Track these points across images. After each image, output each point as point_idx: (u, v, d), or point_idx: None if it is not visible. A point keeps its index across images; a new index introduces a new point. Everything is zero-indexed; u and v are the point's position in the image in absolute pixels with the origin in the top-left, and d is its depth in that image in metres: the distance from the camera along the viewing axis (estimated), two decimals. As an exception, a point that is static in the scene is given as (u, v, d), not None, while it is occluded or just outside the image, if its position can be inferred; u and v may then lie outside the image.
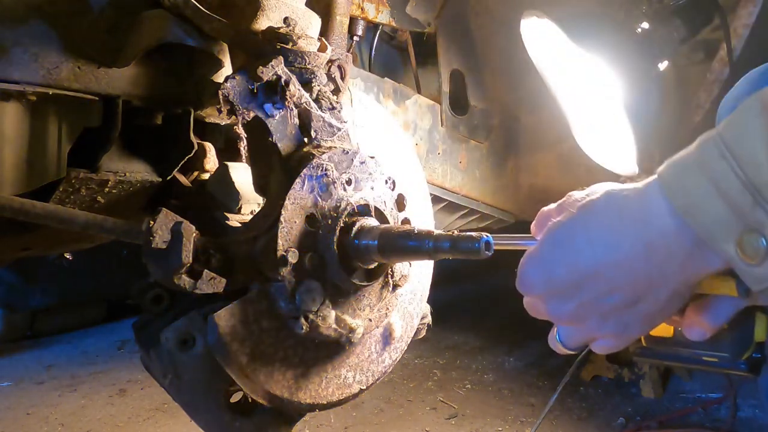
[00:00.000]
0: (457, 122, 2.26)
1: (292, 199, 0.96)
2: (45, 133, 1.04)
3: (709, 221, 0.59)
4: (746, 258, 0.58)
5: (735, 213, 0.57)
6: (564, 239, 0.70)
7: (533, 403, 2.65)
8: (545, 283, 0.71)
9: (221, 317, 0.92)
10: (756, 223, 0.56)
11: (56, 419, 2.56)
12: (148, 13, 1.06)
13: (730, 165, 0.56)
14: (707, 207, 0.58)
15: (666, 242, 0.63)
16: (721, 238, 0.59)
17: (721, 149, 0.57)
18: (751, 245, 0.57)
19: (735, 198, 0.56)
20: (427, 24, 2.13)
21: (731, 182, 0.56)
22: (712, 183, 0.58)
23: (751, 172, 0.55)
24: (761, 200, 0.55)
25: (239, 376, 0.94)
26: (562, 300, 0.71)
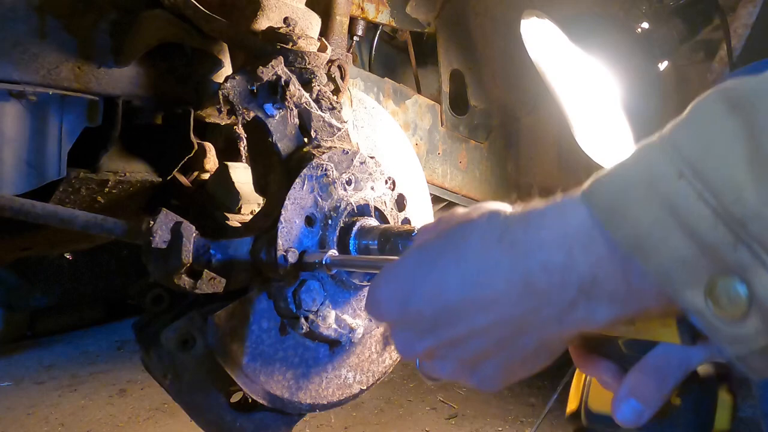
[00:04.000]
0: (457, 122, 2.26)
1: (292, 199, 0.96)
2: (45, 133, 1.04)
3: (666, 260, 0.43)
4: (720, 312, 0.42)
5: (704, 251, 0.41)
6: (431, 259, 0.55)
7: (533, 403, 2.65)
8: (399, 311, 0.56)
9: (221, 317, 0.92)
10: (736, 265, 0.40)
11: (56, 419, 2.56)
12: (148, 13, 1.06)
13: (694, 187, 0.41)
14: (662, 241, 0.42)
15: (549, 281, 0.48)
16: (685, 282, 0.42)
17: (679, 167, 0.42)
18: (727, 295, 0.41)
19: (703, 232, 0.41)
20: (427, 24, 2.13)
21: (697, 211, 0.41)
22: (669, 210, 0.42)
23: (728, 199, 0.40)
24: (745, 236, 0.40)
25: (239, 376, 0.94)
26: (415, 335, 0.56)
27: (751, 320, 0.41)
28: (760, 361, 0.43)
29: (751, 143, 0.40)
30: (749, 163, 0.40)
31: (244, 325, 0.94)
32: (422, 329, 0.55)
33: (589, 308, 0.48)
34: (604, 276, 0.46)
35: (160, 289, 0.97)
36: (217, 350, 0.92)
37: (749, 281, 0.40)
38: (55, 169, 1.06)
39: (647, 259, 0.43)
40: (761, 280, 0.40)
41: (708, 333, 0.44)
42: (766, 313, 0.40)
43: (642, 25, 1.82)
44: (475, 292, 0.51)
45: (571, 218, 0.48)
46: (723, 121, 0.41)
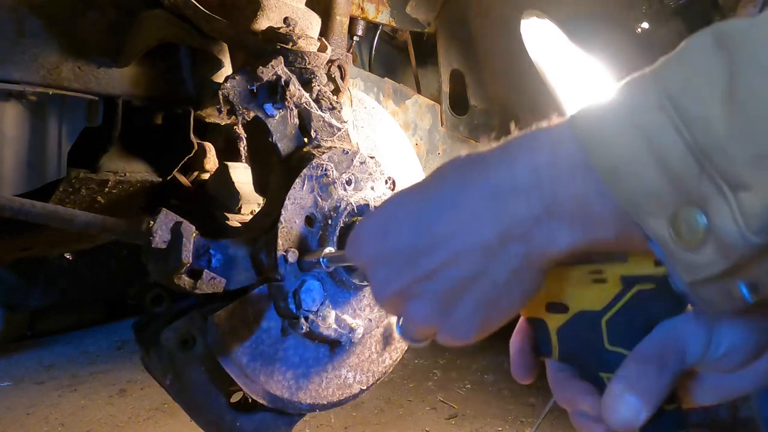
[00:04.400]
0: (457, 122, 2.26)
1: (292, 199, 0.96)
2: (45, 133, 1.04)
3: (637, 189, 0.44)
4: (680, 240, 0.43)
5: (672, 182, 0.43)
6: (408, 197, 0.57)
7: (533, 403, 2.65)
8: (377, 247, 0.56)
9: (221, 317, 0.92)
10: (698, 196, 0.42)
11: (56, 419, 2.56)
12: (148, 13, 1.06)
13: (671, 119, 0.42)
14: (636, 171, 0.44)
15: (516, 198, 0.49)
16: (650, 211, 0.44)
17: (660, 98, 0.43)
18: (687, 224, 0.43)
19: (674, 163, 0.42)
20: (427, 24, 2.13)
21: (671, 142, 0.42)
22: (645, 140, 0.43)
23: (699, 130, 0.41)
24: (709, 168, 0.41)
25: (239, 376, 0.94)
26: (392, 271, 0.56)
27: (706, 249, 0.43)
28: (710, 293, 0.45)
29: (730, 80, 0.40)
30: (724, 98, 0.41)
31: (244, 325, 0.94)
32: (399, 264, 0.55)
33: (551, 228, 0.49)
34: (565, 195, 0.48)
35: (159, 289, 0.97)
36: (217, 350, 0.92)
37: (708, 212, 0.42)
38: (55, 169, 1.06)
39: (618, 185, 0.45)
40: (719, 211, 0.41)
41: (667, 261, 0.46)
42: (720, 243, 0.42)
43: (642, 25, 1.82)
44: (452, 212, 0.53)
45: (544, 140, 0.50)
46: (707, 57, 0.42)
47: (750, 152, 0.40)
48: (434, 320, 0.56)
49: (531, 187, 0.49)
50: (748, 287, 0.43)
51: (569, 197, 0.48)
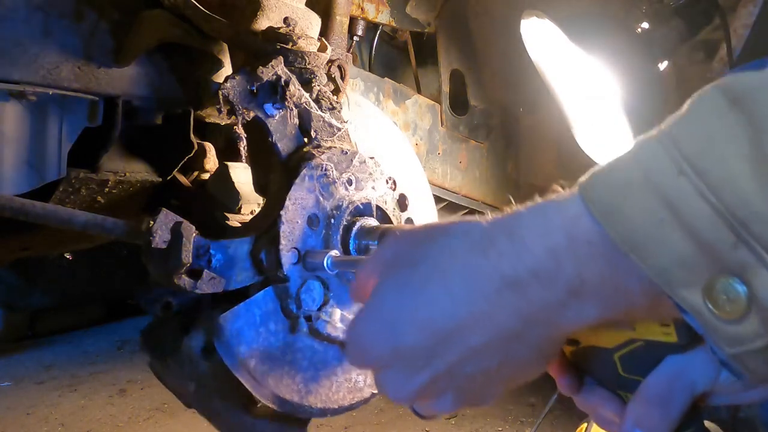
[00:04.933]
0: (457, 122, 2.26)
1: (293, 199, 0.96)
2: (45, 133, 1.04)
3: (665, 261, 0.42)
4: (719, 311, 0.41)
5: (704, 251, 0.41)
6: (413, 286, 0.52)
7: (533, 403, 2.65)
8: (389, 351, 0.52)
9: (227, 319, 0.91)
10: (736, 265, 0.40)
11: (56, 419, 2.56)
12: (148, 13, 1.06)
13: (696, 186, 0.40)
14: (662, 241, 0.42)
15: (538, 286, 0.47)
16: (683, 282, 0.42)
17: (679, 163, 0.41)
18: (726, 294, 0.41)
19: (704, 231, 0.40)
20: (427, 24, 2.13)
21: (697, 209, 0.40)
22: (668, 208, 0.41)
23: (728, 195, 0.39)
24: (745, 235, 0.39)
25: (248, 379, 0.93)
26: (409, 373, 0.52)
27: (749, 320, 0.41)
28: (756, 362, 0.43)
29: (754, 140, 0.39)
30: (751, 161, 0.39)
31: (251, 327, 0.93)
32: (416, 365, 0.52)
33: (579, 308, 0.47)
34: (591, 275, 0.46)
35: (169, 296, 0.96)
36: (225, 353, 0.91)
37: (749, 281, 0.40)
38: (55, 169, 1.06)
39: (645, 258, 0.43)
40: (761, 281, 0.40)
41: (705, 332, 0.43)
42: (766, 313, 0.40)
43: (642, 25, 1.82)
44: (468, 310, 0.50)
45: (556, 219, 0.47)
46: (724, 117, 0.40)
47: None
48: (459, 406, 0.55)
49: (551, 273, 0.47)
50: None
51: (594, 277, 0.46)
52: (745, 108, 0.40)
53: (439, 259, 0.52)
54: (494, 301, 0.49)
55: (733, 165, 0.39)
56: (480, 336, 0.50)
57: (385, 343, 0.52)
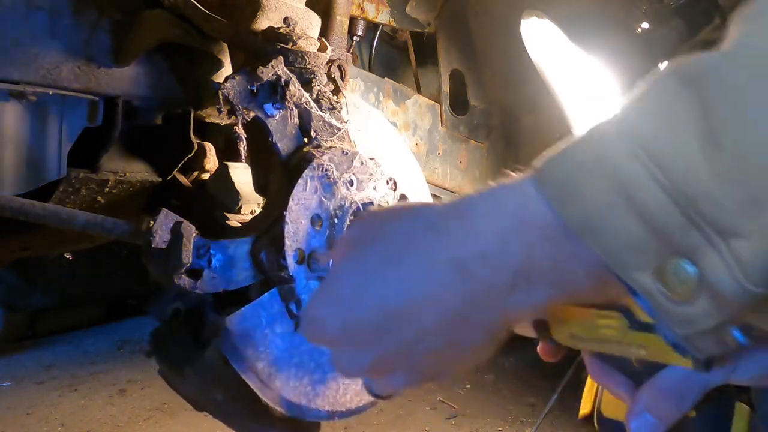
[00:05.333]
0: (457, 122, 2.26)
1: (296, 199, 0.95)
2: (45, 133, 1.04)
3: (617, 244, 0.42)
4: (670, 293, 0.41)
5: (655, 234, 0.41)
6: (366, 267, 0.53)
7: (533, 403, 2.65)
8: (341, 328, 0.53)
9: (233, 322, 0.91)
10: (686, 247, 0.40)
11: (56, 419, 2.56)
12: (148, 13, 1.06)
13: (647, 169, 0.40)
14: (614, 225, 0.42)
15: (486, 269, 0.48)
16: (634, 265, 0.42)
17: (631, 146, 0.41)
18: (676, 276, 0.41)
19: (655, 213, 0.40)
20: (427, 24, 2.13)
21: (649, 191, 0.40)
22: (620, 192, 0.41)
23: (680, 179, 0.39)
24: (695, 216, 0.39)
25: (255, 381, 0.92)
26: (359, 349, 0.54)
27: (699, 301, 0.41)
28: (706, 342, 0.43)
29: (704, 121, 0.39)
30: (701, 142, 0.39)
31: (258, 330, 0.93)
32: (367, 341, 0.53)
33: (526, 292, 0.48)
34: (539, 259, 0.46)
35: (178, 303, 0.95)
36: (232, 356, 0.91)
37: (698, 262, 0.40)
38: (55, 169, 1.06)
39: (597, 241, 0.43)
40: (710, 261, 0.39)
41: (657, 314, 0.43)
42: (714, 294, 0.40)
43: (642, 25, 1.82)
44: (418, 291, 0.50)
45: (506, 202, 0.48)
46: (675, 99, 0.40)
47: (740, 196, 0.38)
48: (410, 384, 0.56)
49: (500, 257, 0.47)
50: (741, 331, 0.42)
51: (542, 261, 0.46)
52: (695, 89, 0.39)
53: (394, 240, 0.53)
54: (443, 283, 0.49)
55: (684, 147, 0.39)
56: (429, 317, 0.50)
57: (337, 319, 0.53)
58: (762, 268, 0.38)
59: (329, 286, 0.56)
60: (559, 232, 0.45)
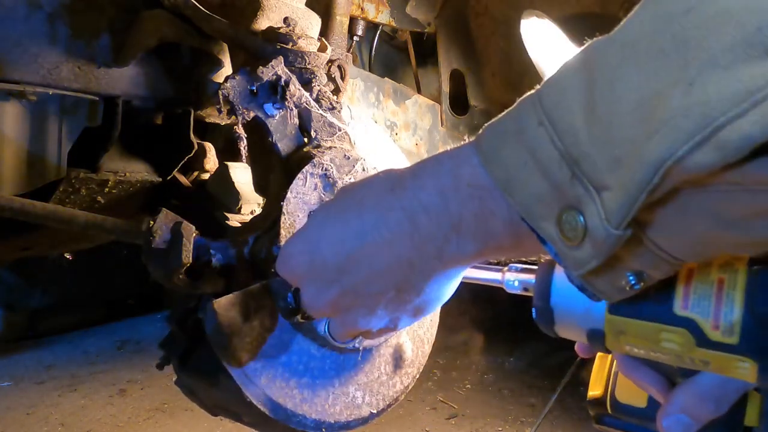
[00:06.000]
0: (457, 122, 2.26)
1: (294, 193, 0.95)
2: (45, 133, 1.04)
3: (528, 197, 0.50)
4: (566, 239, 0.48)
5: (554, 188, 0.48)
6: (334, 214, 0.63)
7: (533, 403, 2.65)
8: (308, 264, 0.63)
9: (221, 305, 0.87)
10: (574, 199, 0.47)
11: (56, 419, 2.56)
12: (148, 12, 1.06)
13: (548, 133, 0.48)
14: (525, 181, 0.50)
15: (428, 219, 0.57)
16: (541, 215, 0.50)
17: (539, 114, 0.49)
18: (570, 224, 0.48)
19: (553, 171, 0.48)
20: (427, 24, 2.13)
21: (549, 153, 0.48)
22: (530, 153, 0.49)
23: (568, 140, 0.46)
24: (579, 173, 0.46)
25: (239, 375, 0.89)
26: (323, 286, 0.63)
27: (585, 245, 0.47)
28: (602, 284, 0.50)
29: (589, 93, 0.45)
30: (585, 111, 0.46)
31: (245, 320, 0.90)
32: (328, 279, 0.62)
33: (459, 243, 0.57)
34: (467, 214, 0.55)
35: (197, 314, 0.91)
36: (216, 342, 0.87)
37: (583, 211, 0.47)
38: (55, 169, 1.06)
39: (513, 195, 0.51)
40: (589, 211, 0.46)
41: (559, 257, 0.50)
42: (593, 239, 0.46)
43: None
44: (373, 236, 0.59)
45: (447, 163, 0.57)
46: (575, 74, 0.48)
47: (607, 156, 0.44)
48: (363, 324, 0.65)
49: (439, 209, 0.56)
50: (634, 276, 0.48)
51: (470, 215, 0.55)
52: (588, 65, 0.47)
53: (358, 194, 0.63)
54: (394, 229, 0.58)
55: (572, 114, 0.46)
56: (381, 260, 0.59)
57: (305, 258, 0.63)
58: (619, 214, 0.44)
59: (301, 231, 0.66)
60: (486, 191, 0.54)
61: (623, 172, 0.43)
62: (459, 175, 0.55)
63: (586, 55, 0.47)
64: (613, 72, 0.44)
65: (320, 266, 0.62)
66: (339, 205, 0.64)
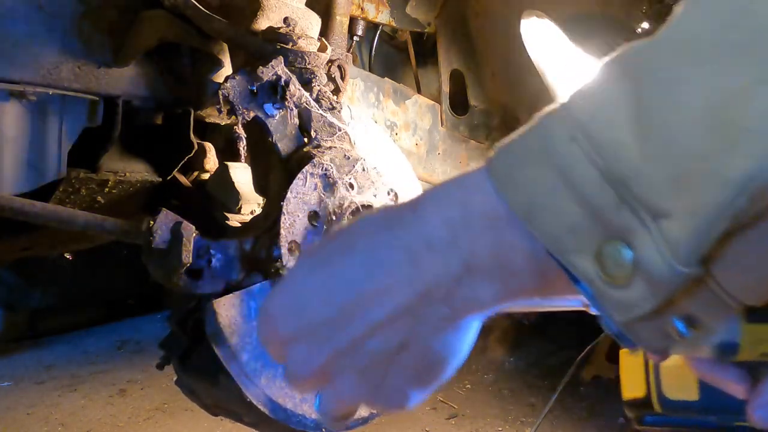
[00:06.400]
0: (457, 122, 2.26)
1: (294, 193, 0.95)
2: (45, 133, 1.04)
3: (557, 227, 0.41)
4: (607, 277, 0.40)
5: (592, 215, 0.40)
6: (321, 261, 0.52)
7: (533, 403, 2.65)
8: (293, 323, 0.51)
9: (221, 305, 0.89)
10: (620, 228, 0.40)
11: (56, 419, 2.56)
12: (148, 13, 1.06)
13: (584, 150, 0.40)
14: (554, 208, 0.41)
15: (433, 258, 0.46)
16: (574, 249, 0.41)
17: (571, 129, 0.41)
18: (613, 259, 0.40)
19: (591, 195, 0.40)
20: (427, 24, 2.13)
21: (586, 173, 0.40)
22: (560, 175, 0.41)
23: (612, 157, 0.39)
24: (627, 196, 0.39)
25: (238, 374, 0.90)
26: (311, 348, 0.50)
27: (635, 285, 0.40)
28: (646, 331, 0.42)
29: (637, 102, 0.39)
30: (633, 122, 0.39)
31: (245, 320, 0.91)
32: (319, 339, 0.50)
33: (473, 286, 0.46)
34: (481, 250, 0.45)
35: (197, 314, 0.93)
36: (216, 342, 0.89)
37: (633, 244, 0.39)
38: (55, 169, 1.06)
39: (539, 226, 0.42)
40: (643, 243, 0.39)
41: (596, 300, 0.42)
42: (649, 277, 0.39)
43: (642, 25, 1.82)
44: (368, 283, 0.48)
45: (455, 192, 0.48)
46: (614, 83, 0.41)
47: (665, 174, 0.38)
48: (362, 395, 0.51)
49: (447, 246, 0.46)
50: (684, 322, 0.41)
51: (485, 251, 0.45)
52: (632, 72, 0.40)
53: (349, 237, 0.51)
54: (393, 273, 0.48)
55: (616, 127, 0.40)
56: (380, 309, 0.48)
57: (290, 316, 0.51)
58: (689, 247, 0.37)
59: (284, 286, 0.53)
60: (503, 221, 0.44)
61: (692, 194, 0.37)
62: (469, 204, 0.46)
63: (625, 61, 0.41)
64: (669, 76, 0.38)
65: (309, 324, 0.50)
66: (327, 250, 0.52)
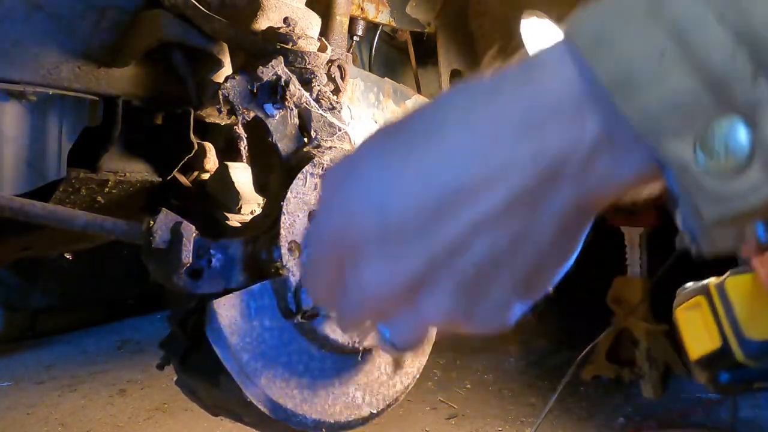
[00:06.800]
0: (457, 122, 2.26)
1: (294, 192, 0.95)
2: (45, 133, 1.04)
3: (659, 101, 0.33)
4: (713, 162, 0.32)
5: (711, 87, 0.32)
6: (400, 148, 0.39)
7: (533, 403, 2.65)
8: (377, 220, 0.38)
9: (222, 305, 0.88)
10: (748, 103, 0.32)
11: (56, 419, 2.56)
12: (148, 13, 1.06)
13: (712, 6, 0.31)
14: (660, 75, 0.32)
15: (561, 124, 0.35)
16: (674, 128, 0.33)
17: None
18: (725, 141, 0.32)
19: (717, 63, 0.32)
20: (427, 24, 2.13)
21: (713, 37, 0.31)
22: (676, 37, 0.32)
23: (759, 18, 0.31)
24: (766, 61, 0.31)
25: (238, 374, 0.90)
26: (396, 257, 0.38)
27: (749, 171, 0.32)
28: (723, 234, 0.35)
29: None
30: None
31: (245, 320, 0.91)
32: (406, 246, 0.38)
33: (615, 156, 0.36)
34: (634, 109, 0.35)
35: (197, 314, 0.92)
36: (216, 341, 0.89)
37: (759, 121, 0.32)
38: (55, 169, 1.06)
39: (629, 99, 0.33)
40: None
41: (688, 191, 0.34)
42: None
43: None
44: (473, 167, 0.37)
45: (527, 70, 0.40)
46: None
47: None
48: (457, 314, 0.39)
49: (581, 103, 0.35)
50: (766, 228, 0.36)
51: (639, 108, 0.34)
52: None
53: (431, 116, 0.39)
54: (506, 148, 0.36)
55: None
56: (489, 199, 0.37)
57: (371, 212, 0.38)
58: None
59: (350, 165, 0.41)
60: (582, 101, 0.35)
61: None
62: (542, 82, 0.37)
63: None
64: None
65: (392, 231, 0.38)
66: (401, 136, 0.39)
